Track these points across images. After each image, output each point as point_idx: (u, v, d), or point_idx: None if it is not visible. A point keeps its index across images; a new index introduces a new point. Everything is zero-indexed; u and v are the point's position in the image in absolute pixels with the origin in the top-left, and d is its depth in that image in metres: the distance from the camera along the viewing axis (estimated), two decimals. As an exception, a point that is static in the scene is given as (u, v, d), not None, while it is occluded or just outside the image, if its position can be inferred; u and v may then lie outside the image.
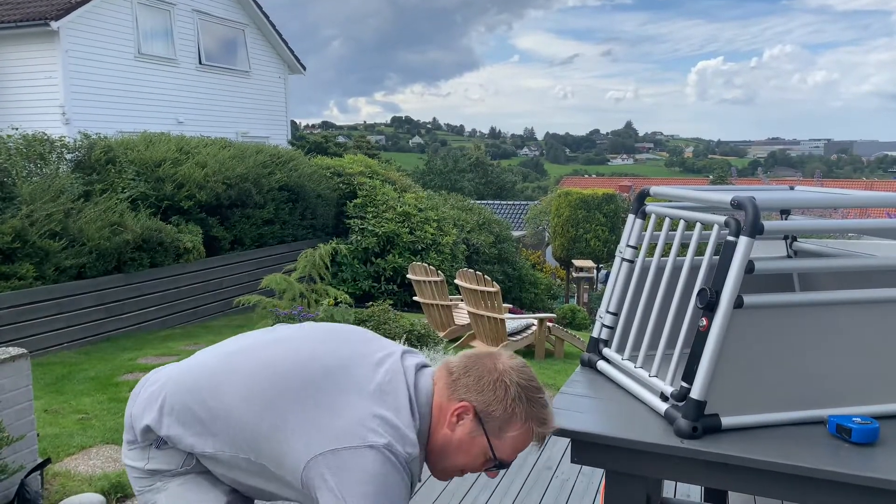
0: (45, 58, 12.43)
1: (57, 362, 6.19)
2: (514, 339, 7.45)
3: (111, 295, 7.37)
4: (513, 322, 7.67)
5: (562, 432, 1.63)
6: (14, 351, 3.21)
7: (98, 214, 7.28)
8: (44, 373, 5.67)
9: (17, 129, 8.18)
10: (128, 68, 13.68)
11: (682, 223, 1.75)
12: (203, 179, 8.93)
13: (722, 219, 1.56)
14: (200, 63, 15.52)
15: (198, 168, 9.02)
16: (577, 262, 15.90)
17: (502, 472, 1.75)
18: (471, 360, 1.51)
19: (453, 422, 1.46)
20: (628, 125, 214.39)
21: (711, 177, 37.76)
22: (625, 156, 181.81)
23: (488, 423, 1.45)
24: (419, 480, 1.50)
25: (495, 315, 7.21)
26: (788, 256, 2.11)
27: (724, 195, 1.62)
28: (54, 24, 11.99)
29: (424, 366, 1.57)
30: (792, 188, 2.04)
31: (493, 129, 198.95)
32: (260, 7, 16.88)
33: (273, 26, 17.37)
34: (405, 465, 1.38)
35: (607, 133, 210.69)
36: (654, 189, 1.93)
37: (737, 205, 1.53)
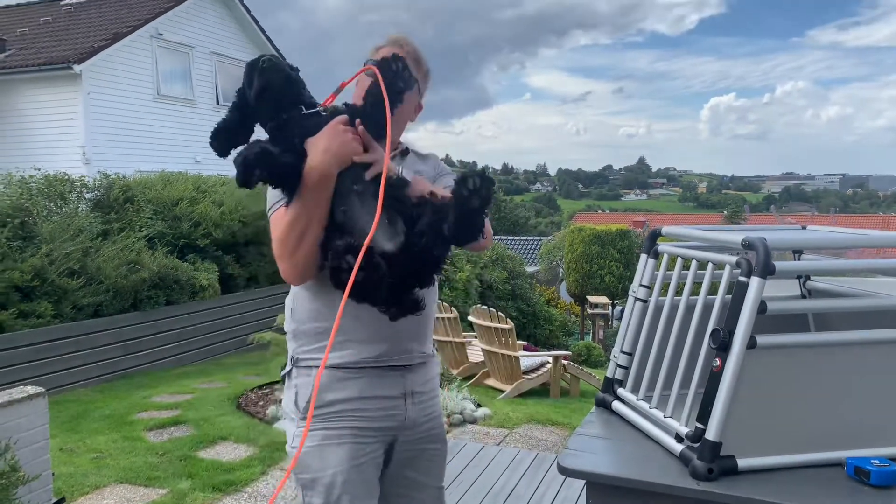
0: (68, 100, 12.73)
1: (73, 400, 6.22)
2: (528, 377, 7.41)
3: (127, 332, 7.42)
4: (527, 359, 7.63)
5: (577, 474, 1.63)
6: (32, 390, 3.24)
7: (115, 253, 7.38)
8: (59, 411, 5.69)
9: (38, 169, 8.34)
10: (147, 109, 13.97)
11: (694, 263, 1.76)
12: (219, 218, 9.04)
13: (733, 259, 1.58)
14: (217, 103, 15.81)
15: (214, 206, 9.14)
16: (592, 299, 15.83)
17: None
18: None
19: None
20: (641, 161, 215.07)
21: (726, 212, 37.70)
22: (638, 191, 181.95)
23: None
24: None
25: (510, 352, 7.19)
26: (802, 296, 2.11)
27: (735, 235, 1.63)
28: (77, 68, 12.30)
29: None
30: (804, 227, 2.05)
31: (505, 166, 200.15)
32: (277, 49, 17.23)
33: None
34: None
35: (620, 169, 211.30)
36: (665, 229, 1.95)
37: (748, 245, 1.54)
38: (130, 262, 7.45)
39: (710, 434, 1.50)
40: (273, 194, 1.65)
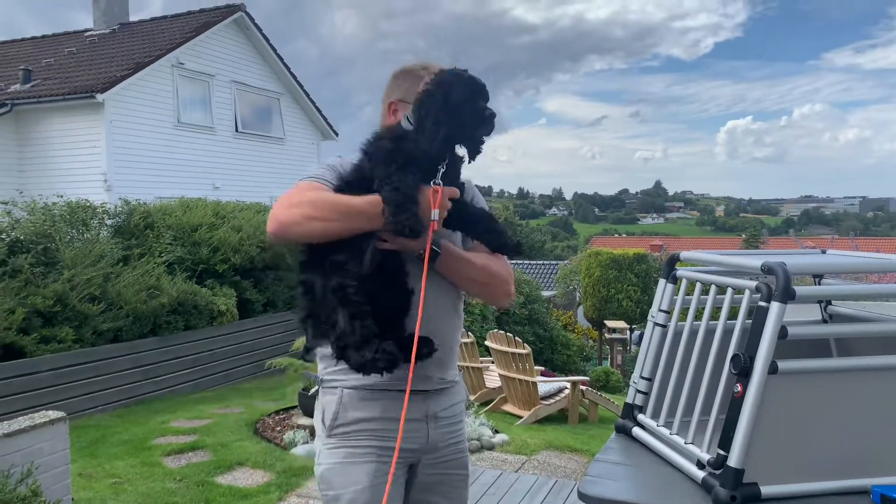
0: (90, 128, 12.97)
1: (92, 425, 6.25)
2: (546, 402, 7.35)
3: (146, 358, 7.47)
4: (545, 385, 7.57)
5: (598, 501, 1.62)
6: (53, 414, 3.27)
7: (136, 278, 7.46)
8: (79, 436, 5.72)
9: (61, 196, 8.49)
10: (167, 136, 14.19)
11: (713, 288, 1.76)
12: (238, 243, 9.12)
13: (753, 284, 1.57)
14: (237, 131, 16.04)
15: (233, 232, 9.23)
16: (610, 323, 15.72)
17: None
18: (383, 95, 1.89)
19: (393, 119, 1.81)
20: (657, 184, 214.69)
21: (744, 235, 37.42)
22: (655, 215, 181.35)
23: (408, 97, 1.76)
24: None
25: (527, 378, 7.14)
26: (824, 321, 2.09)
27: (754, 260, 1.63)
28: (100, 97, 12.54)
29: None
30: (824, 251, 2.04)
31: (521, 190, 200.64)
32: (294, 77, 17.49)
33: (307, 95, 17.95)
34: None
35: (636, 192, 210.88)
36: (684, 254, 1.95)
37: (767, 270, 1.54)
38: (150, 288, 7.52)
39: (733, 461, 1.49)
40: (321, 172, 1.73)
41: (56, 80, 13.84)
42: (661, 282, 1.96)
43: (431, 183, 1.57)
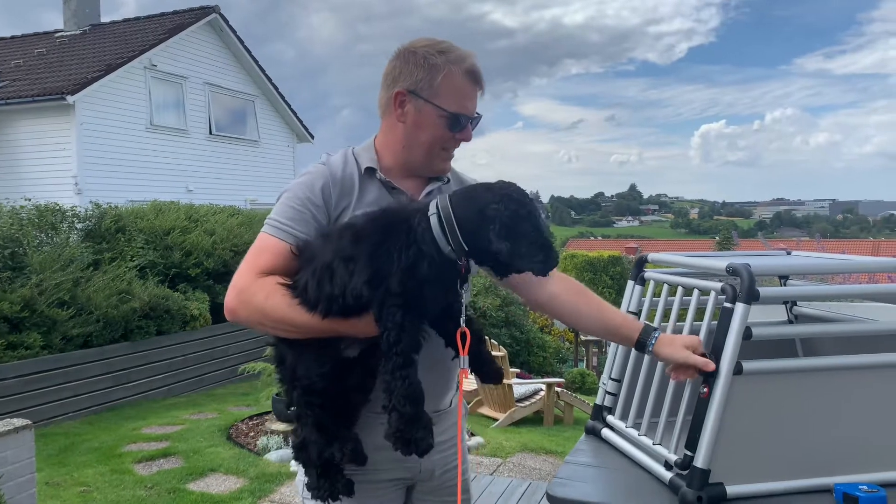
0: (60, 130, 12.77)
1: (60, 433, 6.14)
2: (522, 404, 7.37)
3: (118, 363, 7.35)
4: (521, 387, 7.59)
5: (568, 503, 1.62)
6: (18, 422, 3.21)
7: (106, 283, 7.34)
8: (46, 444, 5.62)
9: (29, 199, 8.33)
10: (140, 139, 14.01)
11: (679, 289, 1.77)
12: (211, 247, 9.02)
13: (718, 285, 1.58)
14: (211, 133, 15.88)
15: (206, 236, 9.13)
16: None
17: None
18: (385, 68, 1.61)
19: (400, 112, 1.57)
20: (633, 188, 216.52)
21: (717, 237, 37.87)
22: (630, 218, 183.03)
23: (422, 90, 1.54)
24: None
25: (503, 380, 7.15)
26: (789, 321, 2.12)
27: (719, 262, 1.64)
28: (70, 98, 12.35)
29: None
30: (789, 253, 2.06)
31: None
32: (270, 79, 17.37)
33: (282, 97, 17.84)
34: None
35: (612, 196, 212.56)
36: (652, 256, 1.96)
37: (732, 271, 1.55)
38: (121, 292, 7.41)
39: (699, 461, 1.50)
40: (287, 212, 1.52)
41: (25, 81, 13.61)
42: (630, 283, 1.97)
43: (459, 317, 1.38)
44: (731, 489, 1.50)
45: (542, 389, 7.62)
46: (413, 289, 1.30)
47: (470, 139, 1.62)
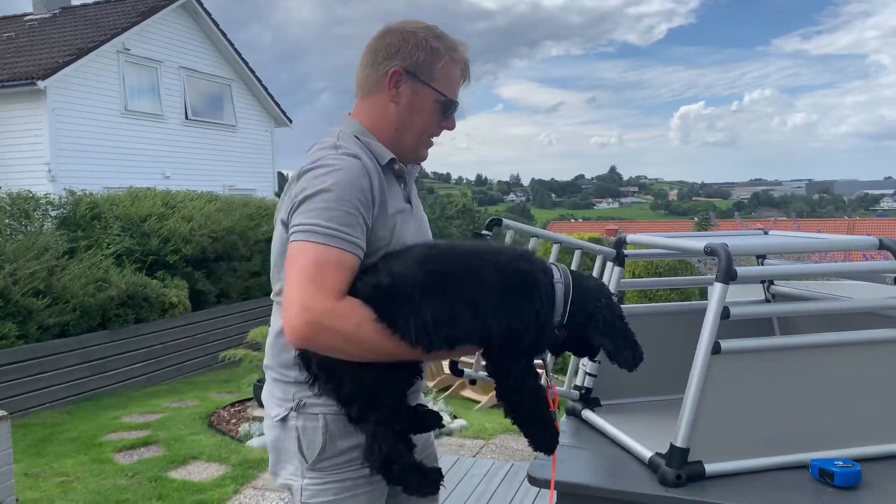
0: (32, 116, 12.52)
1: (38, 423, 6.07)
2: (503, 386, 7.40)
3: (95, 352, 7.27)
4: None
5: (547, 484, 1.62)
6: (-7, 413, 3.16)
7: (82, 271, 7.24)
8: (24, 434, 5.56)
9: (0, 187, 8.18)
10: (114, 125, 13.78)
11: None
12: (189, 233, 8.93)
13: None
14: (187, 118, 15.67)
15: (183, 222, 9.03)
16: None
17: None
18: (371, 44, 1.54)
19: (394, 92, 1.50)
20: (612, 170, 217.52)
21: (696, 218, 38.21)
22: (610, 200, 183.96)
23: (420, 72, 1.50)
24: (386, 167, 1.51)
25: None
26: (767, 300, 2.14)
27: (697, 242, 1.65)
28: (41, 84, 12.11)
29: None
30: (766, 232, 2.07)
31: (479, 177, 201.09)
32: (246, 63, 17.14)
33: (259, 81, 17.62)
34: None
35: (592, 178, 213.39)
36: (631, 237, 1.96)
37: (710, 252, 1.55)
38: (98, 281, 7.32)
39: (678, 440, 1.50)
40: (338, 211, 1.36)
41: (-6, 66, 13.32)
42: (609, 265, 1.98)
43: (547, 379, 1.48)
44: (710, 467, 1.51)
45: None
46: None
47: (454, 127, 1.60)
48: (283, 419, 1.51)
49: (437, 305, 1.35)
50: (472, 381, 1.72)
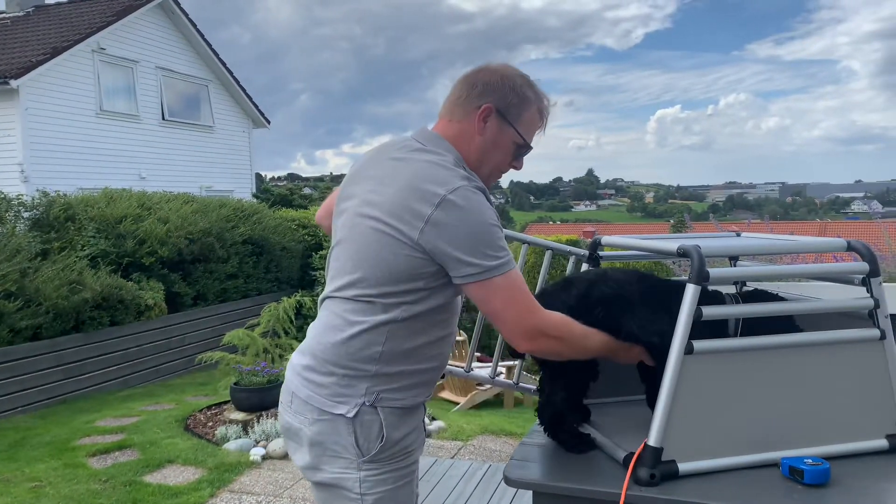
0: (4, 116, 12.32)
1: (10, 427, 5.97)
2: (482, 388, 7.42)
3: (69, 355, 7.17)
4: (481, 370, 7.63)
5: (523, 484, 1.64)
6: (-37, 418, 3.11)
7: (56, 273, 7.14)
8: (-4, 439, 5.47)
9: (-28, 188, 8.05)
10: (89, 125, 13.61)
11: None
12: (165, 235, 8.84)
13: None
14: (163, 119, 15.52)
15: (160, 224, 8.94)
16: (544, 309, 16.00)
17: None
18: (468, 78, 1.66)
19: (482, 126, 1.62)
20: (590, 172, 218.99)
21: (672, 221, 38.57)
22: (588, 202, 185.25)
23: (509, 114, 1.63)
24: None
25: (463, 364, 7.18)
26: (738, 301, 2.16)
27: (670, 244, 1.67)
28: (14, 83, 11.92)
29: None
30: (738, 234, 2.10)
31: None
32: (223, 63, 17.02)
33: (237, 82, 17.50)
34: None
35: (570, 181, 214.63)
36: (605, 239, 1.98)
37: (683, 253, 1.57)
38: (72, 283, 7.22)
39: (652, 440, 1.52)
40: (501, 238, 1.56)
41: (-35, 64, 13.09)
42: (584, 266, 1.99)
43: None
44: (683, 466, 1.53)
45: (502, 373, 7.68)
46: None
47: (521, 168, 1.74)
48: (354, 414, 1.56)
49: (650, 311, 1.66)
50: (441, 376, 1.76)
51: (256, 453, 4.88)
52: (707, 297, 1.61)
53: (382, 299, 1.54)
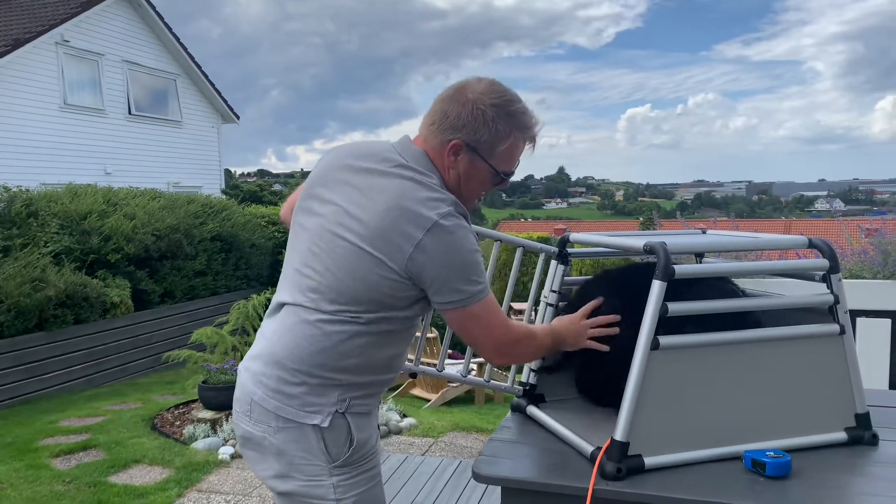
0: (-36, 109, 12.02)
1: (-30, 428, 5.83)
2: (453, 384, 7.43)
3: (32, 354, 7.02)
4: (452, 368, 7.64)
5: (492, 480, 1.64)
6: (-80, 419, 3.03)
7: (17, 270, 6.98)
8: (-45, 440, 5.33)
9: (-70, 183, 7.83)
10: (53, 119, 13.33)
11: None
12: (131, 231, 8.69)
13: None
14: (130, 113, 15.26)
15: (126, 220, 8.79)
16: (516, 305, 16.04)
17: None
18: (444, 102, 1.60)
19: (452, 160, 1.60)
20: (561, 170, 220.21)
21: (641, 218, 39.01)
22: (559, 200, 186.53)
23: (480, 148, 1.59)
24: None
25: (435, 361, 7.19)
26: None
27: (637, 241, 1.69)
28: (-26, 75, 11.63)
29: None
30: (704, 231, 2.14)
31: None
32: (192, 57, 16.78)
33: (205, 76, 17.27)
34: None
35: (542, 178, 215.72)
36: (574, 236, 2.00)
37: (649, 250, 1.59)
38: (34, 280, 7.06)
39: (618, 434, 1.54)
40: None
41: (-78, 56, 12.72)
42: (553, 263, 2.01)
43: None
44: (649, 460, 1.55)
45: (473, 369, 7.70)
46: None
47: (508, 187, 1.74)
48: (328, 424, 1.56)
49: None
50: (413, 375, 1.80)
51: (225, 452, 4.83)
52: (724, 293, 1.72)
53: (363, 314, 1.55)
